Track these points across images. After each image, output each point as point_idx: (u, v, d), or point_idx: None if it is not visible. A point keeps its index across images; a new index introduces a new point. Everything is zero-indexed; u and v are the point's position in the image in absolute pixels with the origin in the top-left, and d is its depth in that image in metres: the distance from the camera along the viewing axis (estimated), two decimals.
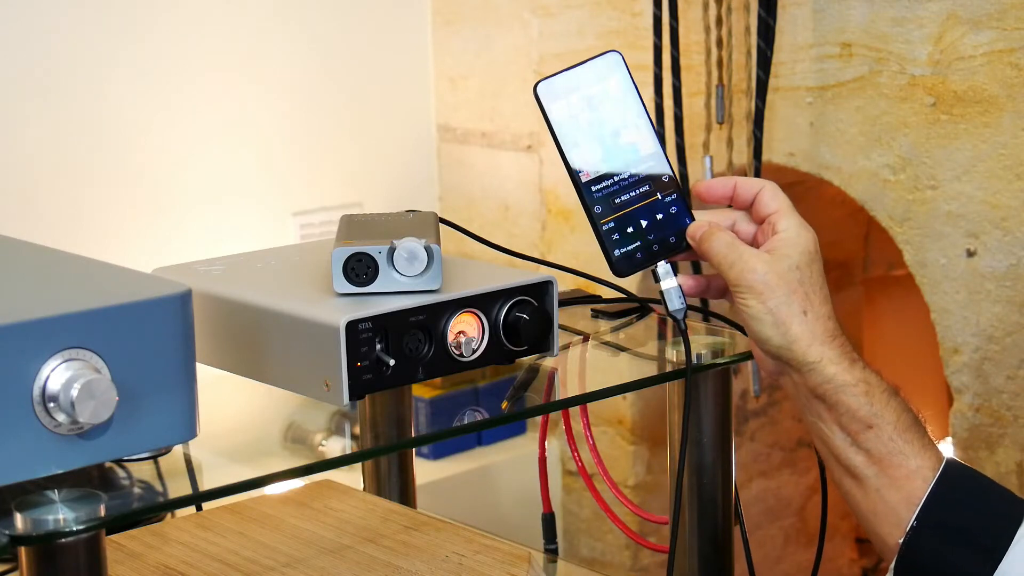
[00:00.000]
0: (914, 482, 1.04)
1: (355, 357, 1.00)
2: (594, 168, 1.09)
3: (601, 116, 1.09)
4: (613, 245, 1.08)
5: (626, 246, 1.09)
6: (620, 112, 1.10)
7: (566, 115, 1.09)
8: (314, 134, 2.35)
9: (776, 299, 1.04)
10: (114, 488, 0.95)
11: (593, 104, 1.09)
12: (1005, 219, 1.74)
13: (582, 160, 1.09)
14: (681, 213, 1.10)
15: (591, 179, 1.09)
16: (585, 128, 1.09)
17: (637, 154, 1.10)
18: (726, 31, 1.96)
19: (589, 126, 1.09)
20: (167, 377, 0.88)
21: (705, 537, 1.20)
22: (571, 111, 1.09)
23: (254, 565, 1.22)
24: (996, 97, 1.73)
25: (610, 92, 1.10)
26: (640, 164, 1.10)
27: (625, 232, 1.09)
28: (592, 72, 1.10)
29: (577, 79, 1.09)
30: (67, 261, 1.01)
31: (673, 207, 1.10)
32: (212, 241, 2.19)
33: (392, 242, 1.04)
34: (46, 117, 2.07)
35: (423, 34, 2.47)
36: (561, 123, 1.09)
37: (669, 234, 1.09)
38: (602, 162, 1.09)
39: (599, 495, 1.34)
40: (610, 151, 1.09)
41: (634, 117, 1.10)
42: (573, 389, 1.19)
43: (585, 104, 1.09)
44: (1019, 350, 1.76)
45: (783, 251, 1.06)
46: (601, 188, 1.09)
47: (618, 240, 1.09)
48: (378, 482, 1.43)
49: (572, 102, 1.09)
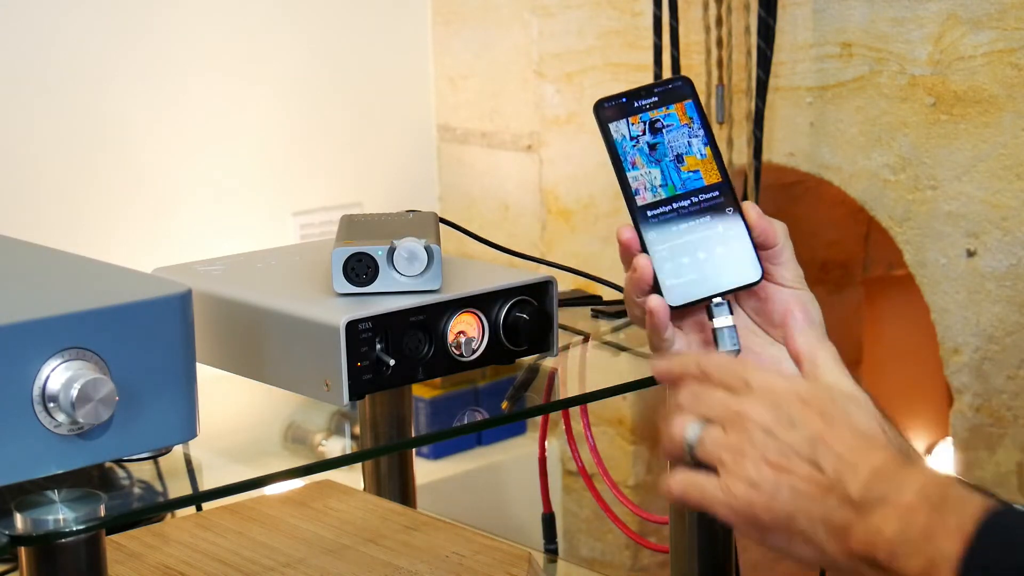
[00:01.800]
0: None
1: (355, 357, 1.00)
2: (651, 192, 1.04)
3: (664, 140, 1.05)
4: (666, 274, 1.02)
5: (680, 277, 1.02)
6: (685, 139, 1.05)
7: (626, 135, 1.04)
8: (314, 134, 2.35)
9: None
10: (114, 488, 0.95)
11: (656, 127, 1.05)
12: (1005, 219, 1.74)
13: (639, 183, 1.04)
14: (744, 249, 1.03)
15: (647, 203, 1.04)
16: (645, 151, 1.04)
17: (700, 183, 1.04)
18: (726, 31, 1.96)
19: (650, 149, 1.04)
20: (167, 377, 0.88)
21: (705, 537, 1.20)
22: (632, 132, 1.04)
23: (254, 565, 1.22)
24: (996, 97, 1.73)
25: (676, 117, 1.05)
26: (703, 194, 1.04)
27: (680, 262, 1.03)
28: (658, 95, 1.05)
29: (641, 100, 1.05)
30: (67, 261, 1.01)
31: (735, 242, 1.03)
32: (212, 241, 2.19)
33: (392, 242, 1.04)
34: (46, 117, 2.07)
35: (423, 34, 2.47)
36: (619, 143, 1.04)
37: (726, 269, 1.03)
38: (661, 187, 1.04)
39: (599, 495, 1.34)
40: (670, 177, 1.04)
41: (699, 145, 1.05)
42: (573, 389, 1.19)
43: (647, 126, 1.05)
44: (1019, 350, 1.76)
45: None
46: (657, 214, 1.03)
47: (671, 270, 1.02)
48: (378, 482, 1.43)
49: (634, 123, 1.05)
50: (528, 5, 2.29)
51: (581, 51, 2.21)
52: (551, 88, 2.26)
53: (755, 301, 1.05)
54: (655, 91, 1.05)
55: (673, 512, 1.22)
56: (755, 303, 1.05)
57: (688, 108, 1.05)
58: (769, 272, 1.04)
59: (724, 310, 1.02)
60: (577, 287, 1.46)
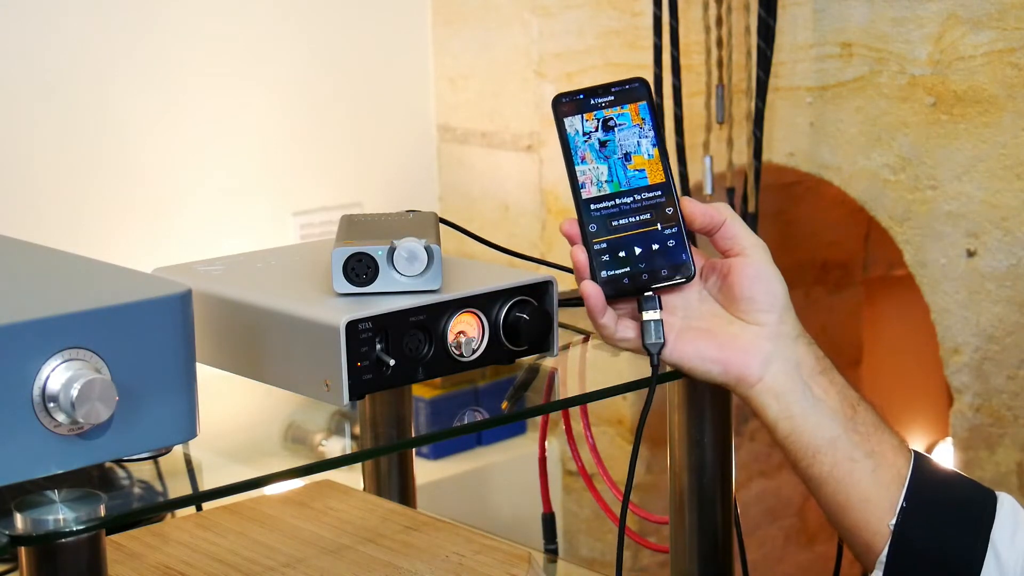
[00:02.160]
0: (899, 459, 1.05)
1: (355, 357, 1.00)
2: (597, 187, 1.08)
3: (615, 139, 1.09)
4: (601, 266, 1.07)
5: (614, 269, 1.07)
6: (635, 139, 1.09)
7: (579, 130, 1.09)
8: (314, 134, 2.35)
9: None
10: (114, 488, 0.95)
11: (608, 125, 1.09)
12: (1005, 219, 1.74)
13: (585, 177, 1.09)
14: (679, 248, 1.08)
15: (591, 197, 1.08)
16: (596, 147, 1.09)
17: (644, 182, 1.09)
18: (726, 31, 1.96)
19: (600, 145, 1.09)
20: (167, 377, 0.88)
21: (705, 537, 1.20)
22: (585, 127, 1.09)
23: (254, 565, 1.22)
24: (996, 97, 1.73)
25: (629, 117, 1.09)
26: (645, 192, 1.09)
27: (616, 256, 1.07)
28: (614, 94, 1.10)
29: (598, 98, 1.09)
30: (67, 261, 1.01)
31: (672, 240, 1.08)
32: (212, 241, 2.19)
33: (392, 242, 1.04)
34: (46, 117, 2.07)
35: (423, 34, 2.47)
36: (572, 137, 1.09)
37: (662, 266, 1.08)
38: (606, 183, 1.08)
39: (599, 495, 1.34)
40: (616, 174, 1.09)
41: (648, 146, 1.09)
42: (573, 389, 1.19)
43: (600, 124, 1.09)
44: (1019, 350, 1.76)
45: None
46: (600, 208, 1.08)
47: (607, 262, 1.07)
48: (378, 482, 1.43)
49: (588, 119, 1.09)
50: (528, 5, 2.29)
51: (581, 51, 2.21)
52: (551, 88, 2.26)
53: (717, 278, 1.10)
54: (612, 90, 1.10)
55: (673, 512, 1.22)
56: (717, 280, 1.10)
57: (642, 109, 1.10)
58: (726, 248, 1.09)
59: (653, 303, 1.07)
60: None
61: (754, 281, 1.08)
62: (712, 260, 1.11)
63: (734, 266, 1.08)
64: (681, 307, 1.09)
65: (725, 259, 1.09)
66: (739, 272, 1.08)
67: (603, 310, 1.07)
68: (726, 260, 1.09)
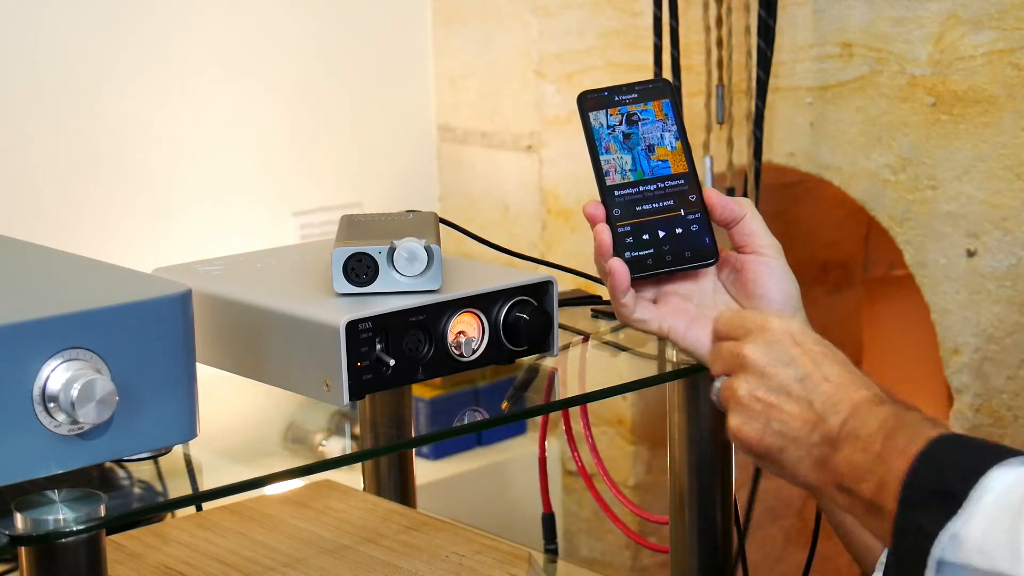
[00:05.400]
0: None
1: (355, 357, 1.00)
2: (620, 175, 1.12)
3: (638, 131, 1.12)
4: (625, 247, 1.10)
5: (638, 251, 1.10)
6: (658, 132, 1.13)
7: (603, 123, 1.12)
8: (314, 134, 2.35)
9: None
10: (114, 488, 0.95)
11: (632, 120, 1.13)
12: (1005, 219, 1.74)
13: (610, 166, 1.12)
14: (703, 232, 1.11)
15: (616, 184, 1.11)
16: (620, 138, 1.12)
17: (668, 171, 1.12)
18: (726, 31, 1.96)
19: (624, 137, 1.12)
20: (167, 377, 0.88)
21: (705, 537, 1.20)
22: (609, 121, 1.13)
23: (254, 565, 1.22)
24: (996, 97, 1.73)
25: (652, 113, 1.13)
26: (669, 181, 1.12)
27: (640, 238, 1.10)
28: (638, 92, 1.14)
29: (622, 95, 1.13)
30: (67, 261, 1.01)
31: (695, 225, 1.11)
32: (212, 241, 2.19)
33: (392, 242, 1.04)
34: (46, 117, 2.07)
35: (423, 34, 2.47)
36: (597, 129, 1.12)
37: (686, 248, 1.11)
38: (630, 171, 1.12)
39: (599, 495, 1.34)
40: (640, 163, 1.12)
41: (671, 139, 1.13)
42: (573, 389, 1.19)
43: (624, 118, 1.13)
44: (1019, 350, 1.76)
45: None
46: (624, 194, 1.11)
47: (631, 244, 1.10)
48: (378, 482, 1.43)
49: (612, 114, 1.13)
50: (528, 5, 2.29)
51: (581, 51, 2.21)
52: (551, 88, 2.26)
53: (731, 272, 1.12)
54: (636, 88, 1.14)
55: (673, 512, 1.22)
56: (731, 274, 1.12)
57: (665, 106, 1.14)
58: (742, 244, 1.12)
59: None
60: (577, 287, 1.46)
61: (769, 279, 1.10)
62: (727, 253, 1.13)
63: (748, 263, 1.11)
64: (697, 295, 1.12)
65: (740, 255, 1.11)
66: (754, 269, 1.10)
67: (627, 288, 1.09)
68: (740, 256, 1.12)
